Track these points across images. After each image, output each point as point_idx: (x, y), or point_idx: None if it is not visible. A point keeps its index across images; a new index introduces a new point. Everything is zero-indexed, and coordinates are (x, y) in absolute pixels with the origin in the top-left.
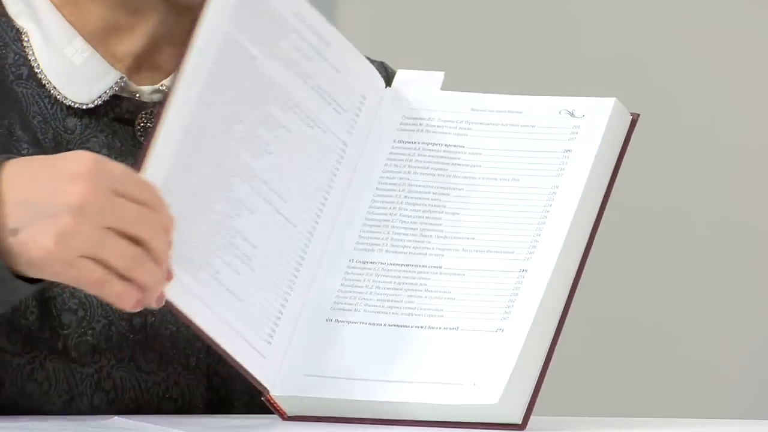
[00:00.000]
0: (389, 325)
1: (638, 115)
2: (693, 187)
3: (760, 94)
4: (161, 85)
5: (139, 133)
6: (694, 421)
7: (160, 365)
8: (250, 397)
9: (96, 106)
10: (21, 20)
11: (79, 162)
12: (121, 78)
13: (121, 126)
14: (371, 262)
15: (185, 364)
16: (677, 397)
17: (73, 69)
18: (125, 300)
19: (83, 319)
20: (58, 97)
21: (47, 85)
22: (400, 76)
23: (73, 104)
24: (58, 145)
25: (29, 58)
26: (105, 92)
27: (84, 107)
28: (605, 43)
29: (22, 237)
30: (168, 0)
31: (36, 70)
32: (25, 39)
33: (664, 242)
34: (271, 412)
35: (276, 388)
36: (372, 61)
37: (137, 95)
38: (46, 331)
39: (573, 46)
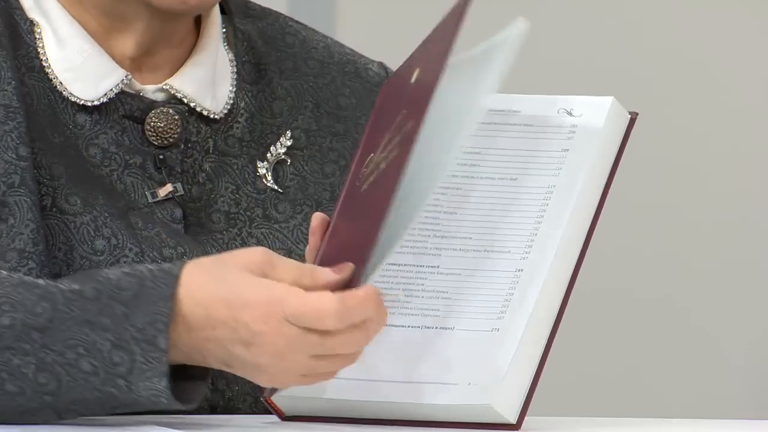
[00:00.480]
0: (386, 326)
1: (636, 114)
2: (692, 186)
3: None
4: (165, 84)
5: (149, 133)
6: (692, 421)
7: None
8: (255, 399)
9: (105, 104)
10: (32, 14)
11: (258, 316)
12: (127, 76)
13: (131, 123)
14: None
15: None
16: (675, 398)
17: (80, 65)
18: None
19: None
20: (65, 93)
21: (54, 80)
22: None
23: (78, 101)
24: (67, 140)
25: (40, 51)
26: (111, 90)
27: (90, 104)
28: (604, 43)
29: (235, 371)
30: (150, 6)
31: (44, 64)
32: (38, 32)
33: (661, 242)
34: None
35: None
36: (371, 61)
37: (141, 93)
38: None
39: (572, 47)
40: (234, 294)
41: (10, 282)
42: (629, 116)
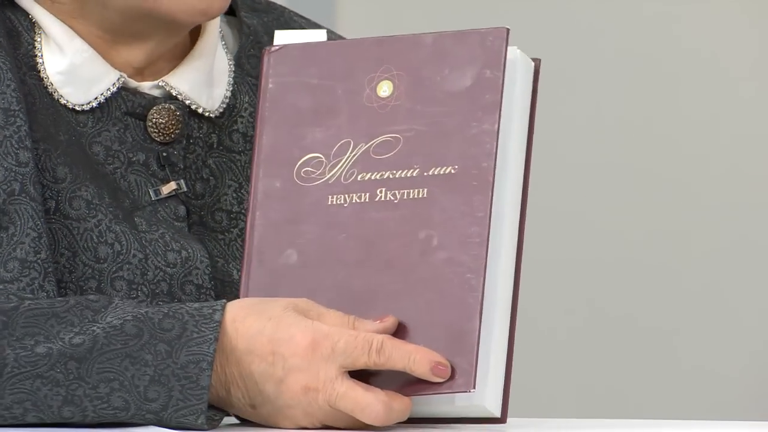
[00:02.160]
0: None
1: (539, 60)
2: (689, 181)
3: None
4: (161, 81)
5: (151, 129)
6: (688, 422)
7: None
8: None
9: (105, 101)
10: (31, 13)
11: (298, 352)
12: (119, 79)
13: (133, 120)
14: None
15: None
16: (672, 399)
17: (73, 68)
18: None
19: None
20: (54, 95)
21: (45, 80)
22: (279, 37)
23: (67, 104)
24: (71, 138)
25: (37, 49)
26: (102, 94)
27: (78, 108)
28: (602, 42)
29: (261, 413)
30: (167, 21)
31: (38, 60)
32: (38, 29)
33: (658, 241)
34: None
35: None
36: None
37: (139, 89)
38: None
39: (572, 47)
40: (280, 329)
41: (43, 313)
42: (533, 64)
